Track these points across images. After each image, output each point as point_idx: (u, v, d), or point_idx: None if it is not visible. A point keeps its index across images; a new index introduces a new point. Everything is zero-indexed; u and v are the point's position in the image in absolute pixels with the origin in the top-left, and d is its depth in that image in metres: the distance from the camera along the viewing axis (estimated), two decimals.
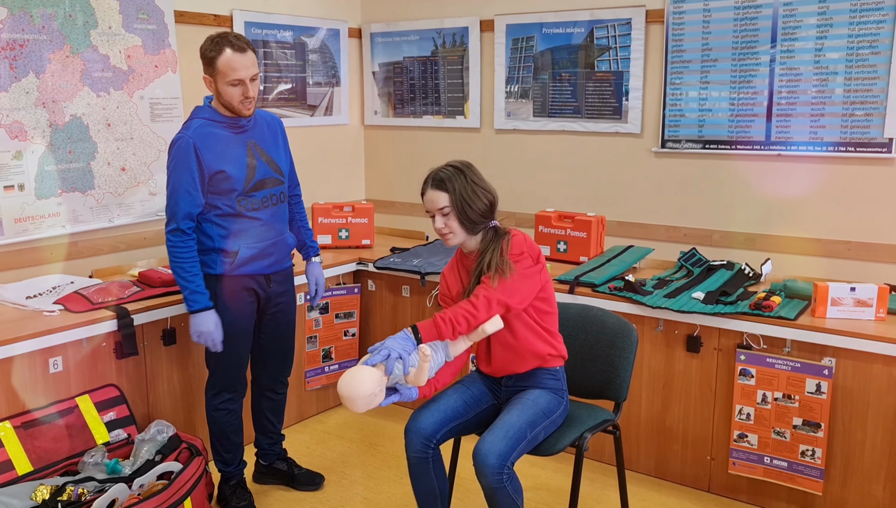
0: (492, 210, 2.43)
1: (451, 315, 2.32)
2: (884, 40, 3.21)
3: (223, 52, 2.61)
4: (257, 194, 2.78)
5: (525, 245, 2.40)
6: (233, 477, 3.03)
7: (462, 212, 2.37)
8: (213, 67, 2.64)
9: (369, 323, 3.99)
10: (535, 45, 4.08)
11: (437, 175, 2.41)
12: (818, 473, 2.83)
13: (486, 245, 2.42)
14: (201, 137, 2.67)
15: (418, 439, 2.40)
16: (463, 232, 2.42)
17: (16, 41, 3.10)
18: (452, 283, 2.56)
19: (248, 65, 2.64)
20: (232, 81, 2.63)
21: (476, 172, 2.44)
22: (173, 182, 2.69)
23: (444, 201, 2.38)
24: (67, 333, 2.78)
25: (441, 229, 2.41)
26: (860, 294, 2.82)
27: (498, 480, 2.22)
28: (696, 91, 3.66)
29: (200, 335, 2.77)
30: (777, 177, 3.53)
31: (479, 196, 2.39)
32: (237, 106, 2.68)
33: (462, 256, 2.54)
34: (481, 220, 2.41)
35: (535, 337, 2.46)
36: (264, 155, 2.82)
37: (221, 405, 2.94)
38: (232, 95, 2.66)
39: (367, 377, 2.23)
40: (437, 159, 4.48)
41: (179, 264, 2.72)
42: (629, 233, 3.93)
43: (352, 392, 2.22)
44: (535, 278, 2.41)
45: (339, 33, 4.54)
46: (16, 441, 2.63)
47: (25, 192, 3.19)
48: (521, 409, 2.39)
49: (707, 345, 3.04)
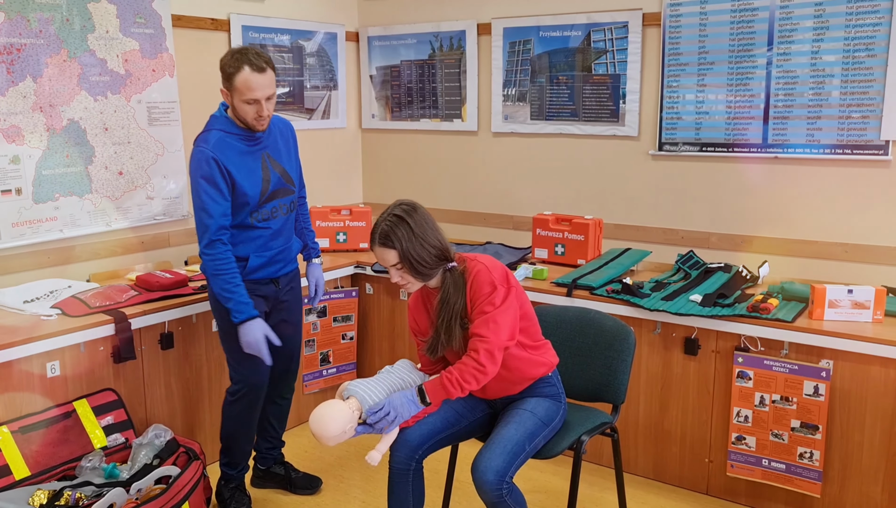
0: (443, 257, 2.34)
1: (458, 375, 2.27)
2: (880, 43, 3.22)
3: (241, 70, 2.60)
4: (268, 206, 2.80)
5: (491, 276, 2.31)
6: (233, 480, 3.03)
7: (412, 267, 2.30)
8: (230, 83, 2.63)
9: (367, 326, 3.99)
10: (532, 48, 4.08)
11: (381, 230, 2.30)
12: (816, 475, 2.83)
13: (447, 289, 2.34)
14: (221, 151, 2.67)
15: (403, 449, 2.36)
16: (419, 281, 2.36)
17: (13, 45, 3.09)
18: (419, 318, 2.51)
19: (265, 84, 2.63)
20: (248, 99, 2.63)
21: (421, 218, 2.32)
22: (202, 197, 2.66)
23: (394, 257, 2.30)
24: (65, 337, 2.78)
25: (398, 281, 2.35)
26: (857, 296, 2.82)
27: (498, 495, 2.21)
28: (692, 94, 3.66)
29: (249, 346, 2.74)
30: (774, 179, 3.53)
31: (425, 249, 2.29)
32: (251, 122, 2.69)
33: (425, 291, 2.47)
34: (434, 270, 2.34)
35: (526, 364, 2.43)
36: (278, 166, 2.83)
37: (241, 409, 2.93)
38: (247, 112, 2.67)
39: (337, 415, 2.25)
40: (435, 162, 4.53)
41: (221, 276, 2.68)
42: (627, 236, 3.93)
43: (322, 432, 2.25)
44: (515, 305, 2.35)
45: (337, 37, 4.54)
46: (13, 446, 2.62)
47: (23, 196, 3.19)
48: (519, 422, 2.36)
49: (705, 348, 3.04)
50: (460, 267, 2.37)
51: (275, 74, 2.69)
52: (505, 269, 2.39)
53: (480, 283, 2.31)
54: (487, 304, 2.29)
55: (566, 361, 2.70)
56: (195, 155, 2.67)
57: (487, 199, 4.38)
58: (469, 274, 2.34)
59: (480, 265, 2.34)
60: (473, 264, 2.36)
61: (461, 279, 2.35)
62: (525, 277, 3.46)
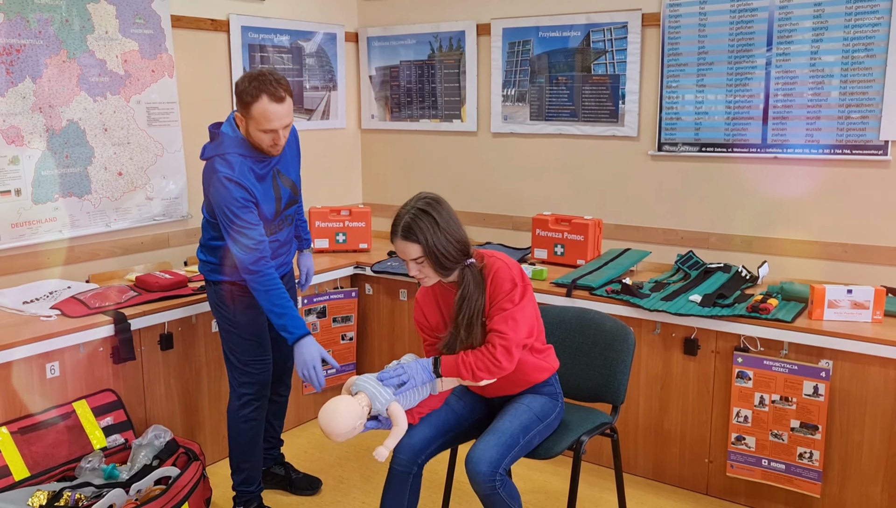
0: (465, 252, 2.31)
1: (473, 362, 2.27)
2: (879, 43, 3.22)
3: (260, 99, 2.51)
4: (277, 220, 2.78)
5: (511, 273, 2.30)
6: (253, 500, 2.94)
7: (437, 261, 2.27)
8: (247, 111, 2.54)
9: (367, 327, 3.99)
10: (531, 48, 4.08)
11: (405, 223, 2.25)
12: (816, 475, 2.83)
13: (467, 286, 2.31)
14: (245, 176, 2.60)
15: (407, 452, 2.35)
16: (438, 275, 2.32)
17: (12, 46, 3.09)
18: (430, 311, 2.47)
19: (283, 115, 2.55)
20: (265, 129, 2.55)
21: (445, 211, 2.29)
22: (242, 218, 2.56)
23: (417, 251, 2.26)
24: (64, 338, 2.78)
25: (416, 275, 2.32)
26: (857, 296, 2.82)
27: (490, 487, 2.21)
28: (692, 94, 3.66)
29: (305, 366, 2.61)
30: (773, 179, 3.53)
31: (451, 243, 2.26)
32: (266, 149, 2.62)
33: (438, 285, 2.43)
34: (457, 264, 2.31)
35: (531, 368, 2.43)
36: (287, 181, 2.80)
37: (252, 415, 2.84)
38: (262, 140, 2.59)
39: (347, 411, 2.22)
40: (435, 163, 4.53)
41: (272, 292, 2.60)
42: (626, 236, 3.94)
43: (332, 428, 2.22)
44: (533, 303, 2.35)
45: (336, 37, 4.54)
46: (13, 447, 2.62)
47: (22, 197, 3.19)
48: (514, 414, 2.37)
49: (704, 348, 3.04)
50: (479, 264, 2.35)
51: (292, 100, 2.61)
52: (519, 265, 2.38)
53: (501, 280, 2.29)
54: (507, 301, 2.28)
55: (566, 361, 2.70)
56: (223, 183, 2.56)
57: (487, 199, 4.38)
58: (489, 271, 2.32)
59: (500, 262, 2.33)
60: (492, 260, 2.34)
61: (480, 276, 2.32)
62: None
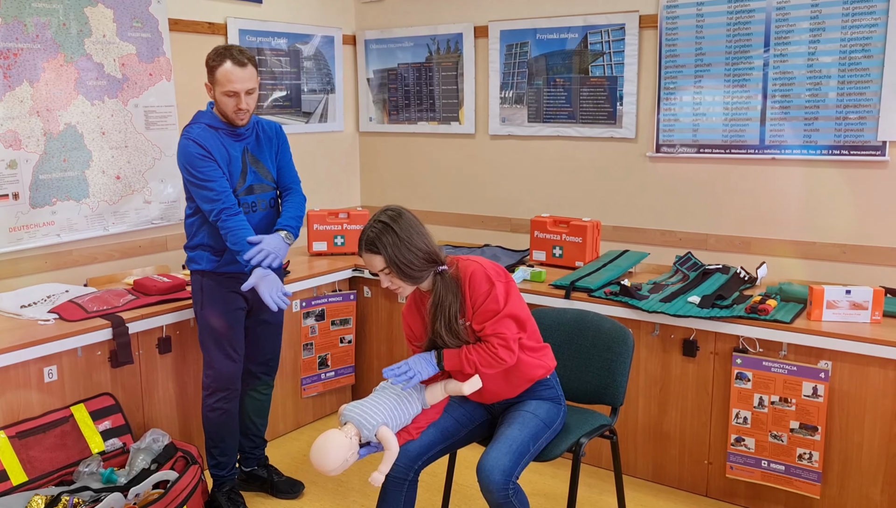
0: (431, 260, 2.34)
1: (476, 358, 2.32)
2: (876, 44, 3.22)
3: (223, 64, 2.73)
4: (247, 199, 2.87)
5: (487, 273, 2.33)
6: (226, 483, 3.03)
7: (400, 271, 2.31)
8: (213, 76, 2.77)
9: (365, 330, 3.99)
10: (529, 50, 4.08)
11: (367, 237, 2.32)
12: (815, 476, 2.83)
13: (437, 292, 2.35)
14: (204, 140, 2.78)
15: (403, 458, 2.35)
16: (410, 285, 2.37)
17: (10, 50, 3.09)
18: (415, 324, 2.50)
19: (245, 78, 2.75)
20: (227, 91, 2.75)
21: (406, 223, 2.33)
22: (198, 175, 2.75)
23: (381, 263, 2.32)
24: (62, 342, 2.77)
25: (388, 286, 2.38)
26: (856, 297, 2.82)
27: (504, 496, 2.21)
28: (690, 96, 3.67)
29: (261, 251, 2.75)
30: (771, 180, 3.53)
31: (412, 252, 2.30)
32: (231, 115, 2.81)
33: (419, 294, 2.47)
34: (423, 273, 2.34)
35: (526, 367, 2.43)
36: (256, 163, 2.92)
37: (217, 405, 2.95)
38: (227, 105, 2.79)
39: (335, 447, 2.29)
40: (433, 165, 4.53)
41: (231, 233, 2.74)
42: (624, 238, 3.94)
43: (323, 465, 2.30)
44: (518, 296, 2.38)
45: (334, 40, 4.54)
46: (10, 451, 2.62)
47: (20, 201, 3.18)
48: (523, 423, 2.37)
49: (703, 349, 3.04)
50: (451, 269, 2.38)
51: (256, 70, 2.80)
52: (498, 265, 2.41)
53: (478, 281, 2.33)
54: (492, 302, 2.31)
55: (564, 363, 2.70)
56: (181, 144, 2.79)
57: (485, 201, 4.38)
58: (464, 274, 2.36)
59: (474, 265, 2.36)
60: (466, 263, 2.38)
61: (453, 281, 2.36)
62: (523, 279, 3.45)
